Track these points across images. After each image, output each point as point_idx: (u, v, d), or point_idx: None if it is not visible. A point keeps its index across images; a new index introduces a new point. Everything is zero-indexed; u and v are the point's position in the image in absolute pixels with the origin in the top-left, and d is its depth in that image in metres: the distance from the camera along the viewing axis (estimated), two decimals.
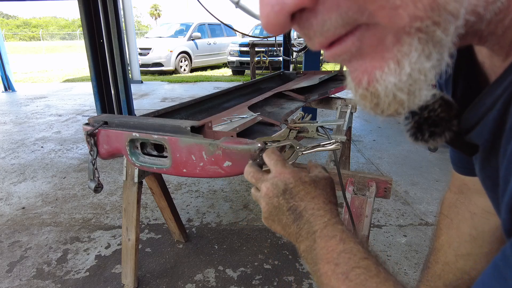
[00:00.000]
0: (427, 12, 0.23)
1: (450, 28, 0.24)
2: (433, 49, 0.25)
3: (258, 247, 1.98)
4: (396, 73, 0.26)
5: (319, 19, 0.26)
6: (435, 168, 3.02)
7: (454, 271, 0.75)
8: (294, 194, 0.51)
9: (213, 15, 3.24)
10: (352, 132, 3.80)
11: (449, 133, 0.42)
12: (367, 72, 0.27)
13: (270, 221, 0.54)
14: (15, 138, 3.99)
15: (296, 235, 0.49)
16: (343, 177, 1.11)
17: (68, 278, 1.75)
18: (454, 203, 0.76)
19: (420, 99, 0.27)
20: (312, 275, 0.46)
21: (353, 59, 0.28)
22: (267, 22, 0.27)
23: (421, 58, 0.25)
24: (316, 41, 0.28)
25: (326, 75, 2.47)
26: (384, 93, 0.27)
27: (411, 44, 0.25)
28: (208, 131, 1.18)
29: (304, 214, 0.49)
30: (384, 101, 0.28)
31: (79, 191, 2.68)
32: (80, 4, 3.66)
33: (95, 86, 3.97)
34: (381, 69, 0.26)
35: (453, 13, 0.23)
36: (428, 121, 0.42)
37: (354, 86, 0.29)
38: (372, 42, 0.26)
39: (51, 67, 12.44)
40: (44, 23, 53.16)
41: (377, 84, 0.27)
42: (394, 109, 0.28)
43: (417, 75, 0.26)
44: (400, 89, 0.26)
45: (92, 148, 1.29)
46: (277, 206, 0.52)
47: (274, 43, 4.98)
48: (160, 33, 11.20)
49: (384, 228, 2.14)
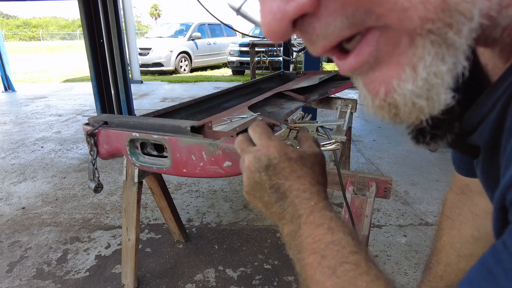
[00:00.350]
0: (438, 13, 0.22)
1: (463, 29, 0.23)
2: (446, 52, 0.24)
3: (258, 247, 1.98)
4: (412, 79, 0.25)
5: (322, 23, 0.26)
6: (435, 168, 3.02)
7: (456, 272, 0.74)
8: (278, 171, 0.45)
9: (213, 15, 3.24)
10: (352, 132, 3.80)
11: (451, 135, 0.41)
12: (384, 82, 0.27)
13: (251, 196, 0.49)
14: (15, 138, 3.99)
15: (279, 216, 0.45)
16: (343, 177, 1.11)
17: (68, 278, 1.75)
18: (456, 204, 0.76)
19: (440, 103, 0.27)
20: (294, 262, 0.42)
21: (370, 70, 0.28)
22: (269, 30, 0.27)
23: (436, 61, 0.24)
24: (319, 45, 0.28)
25: (326, 75, 2.47)
26: (403, 102, 0.27)
27: (425, 47, 0.24)
28: (208, 131, 1.18)
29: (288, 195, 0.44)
30: (404, 110, 0.27)
31: (79, 191, 2.68)
32: (80, 4, 3.66)
33: (95, 86, 3.97)
34: (398, 77, 0.26)
35: (465, 14, 0.22)
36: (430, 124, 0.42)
37: (371, 98, 0.29)
38: (387, 48, 0.26)
39: (51, 67, 12.45)
40: (44, 23, 53.17)
41: (395, 94, 0.26)
42: (415, 117, 0.28)
43: (433, 79, 0.25)
44: (419, 96, 0.26)
45: (92, 148, 1.29)
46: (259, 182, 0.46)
47: (274, 43, 4.98)
48: (160, 33, 11.20)
49: (384, 228, 2.14)
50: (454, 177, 0.76)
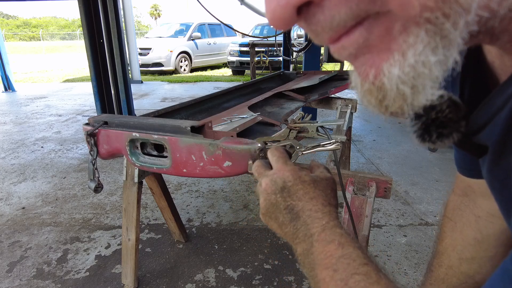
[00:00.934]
0: (438, 3, 0.22)
1: (460, 22, 0.23)
2: (440, 43, 0.24)
3: (258, 247, 1.98)
4: (400, 65, 0.25)
5: (327, 14, 0.26)
6: (435, 168, 3.02)
7: (458, 275, 0.73)
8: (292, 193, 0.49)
9: (213, 15, 3.24)
10: (352, 132, 3.80)
11: (457, 134, 0.41)
12: (375, 66, 0.27)
13: (267, 217, 0.52)
14: (15, 138, 3.99)
15: (293, 236, 0.47)
16: (343, 177, 1.11)
17: (68, 278, 1.75)
18: (458, 206, 0.75)
19: (424, 96, 0.27)
20: (309, 280, 0.44)
21: (359, 53, 0.28)
22: (273, 16, 0.27)
23: (426, 51, 0.24)
24: (325, 36, 0.28)
25: (326, 75, 2.47)
26: (390, 87, 0.26)
27: (418, 35, 0.24)
28: (208, 131, 1.18)
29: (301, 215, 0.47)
30: (389, 95, 0.27)
31: (79, 191, 2.68)
32: (80, 4, 3.66)
33: (95, 86, 3.97)
34: (387, 61, 0.26)
35: (464, 6, 0.22)
36: (436, 122, 0.41)
37: (360, 82, 0.29)
38: (379, 32, 0.26)
39: (51, 67, 12.45)
40: (44, 23, 53.17)
41: (384, 77, 0.26)
42: (398, 105, 0.27)
43: (420, 68, 0.25)
44: (404, 82, 0.26)
45: (92, 148, 1.29)
46: (274, 204, 0.50)
47: (274, 43, 4.98)
48: (160, 33, 11.20)
49: (384, 228, 2.14)
50: (456, 179, 0.75)
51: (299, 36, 7.12)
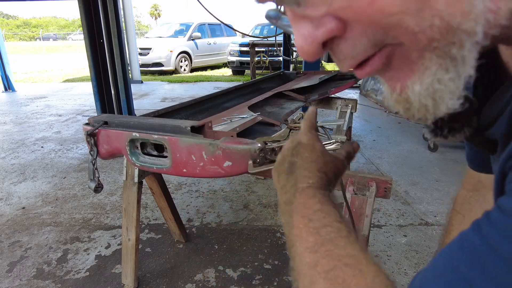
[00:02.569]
0: (443, 34, 0.26)
1: (466, 44, 0.26)
2: (450, 63, 0.28)
3: (258, 247, 1.98)
4: (420, 82, 0.30)
5: (349, 45, 0.30)
6: (435, 168, 3.02)
7: None
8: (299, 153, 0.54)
9: (213, 15, 3.24)
10: (352, 132, 3.80)
11: (469, 129, 0.42)
12: (401, 81, 0.31)
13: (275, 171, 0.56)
14: (15, 138, 3.99)
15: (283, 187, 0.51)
16: (343, 177, 1.11)
17: (68, 278, 1.75)
18: (467, 200, 0.75)
19: (445, 106, 0.30)
20: (283, 226, 0.48)
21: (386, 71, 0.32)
22: (302, 51, 0.32)
23: (440, 71, 0.28)
24: (347, 63, 0.32)
25: (326, 75, 2.47)
26: (413, 99, 0.31)
27: (431, 59, 0.28)
28: (208, 131, 1.18)
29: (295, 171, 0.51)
30: (414, 106, 0.31)
31: (79, 191, 2.68)
32: (80, 4, 3.66)
33: (95, 86, 3.97)
34: (410, 78, 0.30)
35: (468, 31, 0.26)
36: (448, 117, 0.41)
37: (390, 92, 0.33)
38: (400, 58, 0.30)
39: (51, 67, 12.44)
40: (44, 23, 53.17)
41: (409, 91, 0.30)
42: (423, 113, 0.31)
43: (436, 85, 0.29)
44: (424, 97, 0.30)
45: (92, 148, 1.29)
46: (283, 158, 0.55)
47: (274, 43, 4.98)
48: (160, 33, 11.20)
49: (384, 228, 2.14)
50: (466, 174, 0.75)
51: None
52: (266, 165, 0.92)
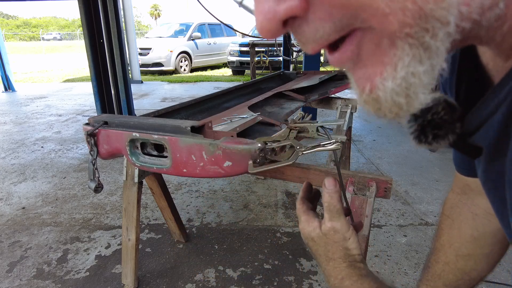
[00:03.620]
0: (415, 19, 0.24)
1: (439, 34, 0.25)
2: (423, 54, 0.26)
3: (258, 247, 1.98)
4: (392, 78, 0.27)
5: (311, 27, 0.27)
6: (435, 168, 3.02)
7: (454, 271, 0.75)
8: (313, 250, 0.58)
9: (213, 15, 3.24)
10: (352, 132, 3.80)
11: (452, 136, 0.42)
12: (370, 80, 0.29)
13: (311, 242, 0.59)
14: (15, 138, 3.99)
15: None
16: (343, 177, 1.11)
17: (68, 278, 1.75)
18: (456, 203, 0.76)
19: (418, 102, 0.29)
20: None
21: (356, 67, 0.30)
22: (260, 28, 0.29)
23: (413, 62, 0.26)
24: (309, 46, 0.29)
25: (326, 75, 2.47)
26: (384, 99, 0.28)
27: (404, 49, 0.26)
28: (208, 131, 1.18)
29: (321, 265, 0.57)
30: (385, 106, 0.29)
31: (79, 191, 2.68)
32: (80, 4, 3.66)
33: (95, 86, 3.97)
34: (381, 75, 0.28)
35: (441, 20, 0.24)
36: (431, 124, 0.42)
37: (359, 93, 0.31)
38: (370, 47, 0.27)
39: (51, 67, 12.44)
40: (44, 23, 53.16)
41: (378, 91, 0.28)
42: (395, 112, 0.30)
43: (411, 78, 0.27)
44: (398, 93, 0.28)
45: (92, 148, 1.29)
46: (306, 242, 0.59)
47: (274, 43, 4.98)
48: (160, 33, 11.19)
49: (384, 228, 2.14)
50: (455, 177, 0.76)
51: None
52: (266, 165, 0.92)
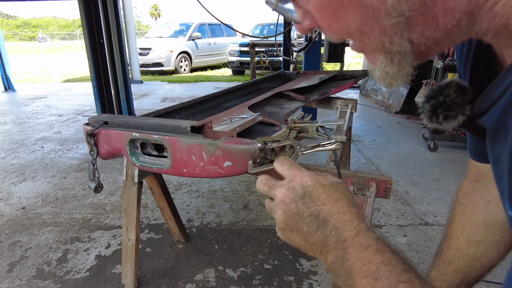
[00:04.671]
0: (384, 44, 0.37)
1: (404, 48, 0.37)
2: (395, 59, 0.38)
3: (258, 247, 1.98)
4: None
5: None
6: (435, 168, 3.02)
7: (465, 258, 0.76)
8: (315, 197, 0.46)
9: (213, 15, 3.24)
10: (352, 132, 3.80)
11: (462, 117, 0.45)
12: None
13: (288, 232, 0.48)
14: (15, 138, 3.99)
15: (322, 244, 0.44)
16: (343, 177, 1.11)
17: (68, 278, 1.75)
18: (469, 191, 0.77)
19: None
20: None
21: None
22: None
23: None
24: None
25: (326, 75, 2.47)
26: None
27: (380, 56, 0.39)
28: (208, 131, 1.18)
29: (329, 219, 0.44)
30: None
31: (79, 191, 2.68)
32: (80, 4, 3.65)
33: (95, 86, 3.96)
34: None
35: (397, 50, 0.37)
36: (443, 105, 0.46)
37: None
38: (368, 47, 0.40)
39: (51, 67, 12.44)
40: (44, 23, 53.17)
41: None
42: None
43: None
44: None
45: (92, 148, 1.29)
46: (296, 213, 0.46)
47: (274, 43, 4.98)
48: (160, 33, 11.19)
49: (384, 228, 2.14)
50: (469, 165, 0.78)
51: (299, 36, 7.11)
52: (266, 165, 0.92)
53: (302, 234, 0.46)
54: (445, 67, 3.52)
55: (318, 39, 3.81)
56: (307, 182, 0.47)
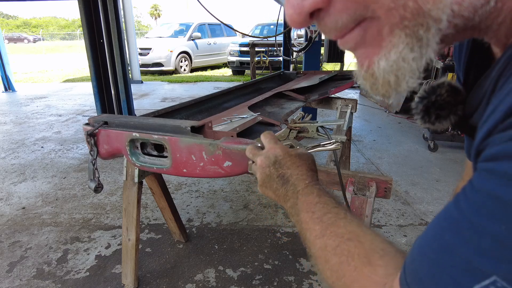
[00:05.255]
0: (414, 15, 0.30)
1: (432, 29, 0.30)
2: (416, 43, 0.32)
3: (258, 247, 1.98)
4: (386, 59, 0.33)
5: (332, 19, 0.34)
6: (435, 168, 3.02)
7: None
8: (283, 164, 0.62)
9: (213, 15, 3.24)
10: (352, 132, 3.80)
11: (454, 117, 0.46)
12: (368, 57, 0.35)
13: (264, 188, 0.64)
14: (15, 138, 3.99)
15: (284, 196, 0.59)
16: (343, 177, 1.11)
17: (68, 278, 1.75)
18: None
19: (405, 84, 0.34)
20: (295, 225, 0.56)
21: (358, 47, 0.36)
22: (290, 19, 0.35)
23: (405, 49, 0.32)
24: (332, 34, 0.36)
25: (326, 75, 2.47)
26: (378, 74, 0.35)
27: (400, 36, 0.32)
28: (208, 131, 1.18)
29: (290, 179, 0.59)
30: (378, 81, 0.35)
31: (79, 191, 2.68)
32: (80, 4, 3.65)
33: (95, 86, 3.96)
34: (378, 55, 0.34)
35: (435, 18, 0.30)
36: (435, 105, 0.47)
37: (359, 69, 0.37)
38: (373, 32, 0.34)
39: (51, 67, 12.44)
40: (44, 23, 53.15)
41: (374, 67, 0.35)
42: (386, 89, 0.36)
43: (401, 62, 0.33)
44: (389, 72, 0.34)
45: (92, 148, 1.29)
46: (269, 175, 0.62)
47: (274, 43, 4.98)
48: (160, 33, 11.19)
49: (384, 228, 2.14)
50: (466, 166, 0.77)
51: (299, 36, 7.12)
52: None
53: (272, 190, 0.62)
54: (445, 67, 3.52)
55: (318, 39, 3.81)
56: (279, 153, 0.63)
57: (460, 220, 0.29)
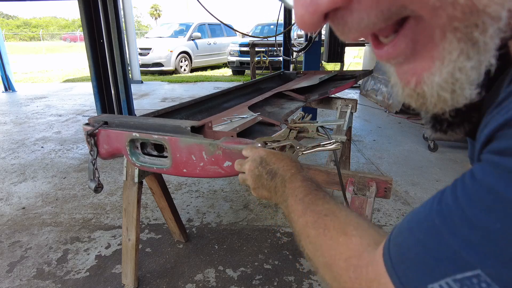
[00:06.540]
0: (466, 14, 0.24)
1: (489, 30, 0.24)
2: (471, 49, 0.26)
3: (258, 247, 1.98)
4: (439, 72, 0.27)
5: (355, 17, 0.27)
6: (435, 168, 3.02)
7: None
8: (268, 161, 0.69)
9: (213, 15, 3.24)
10: (352, 132, 3.80)
11: (468, 125, 0.41)
12: (416, 74, 0.29)
13: (257, 189, 0.70)
14: (15, 138, 3.99)
15: (275, 189, 0.65)
16: (343, 177, 1.11)
17: (68, 278, 1.75)
18: None
19: (463, 97, 0.29)
20: (285, 213, 0.61)
21: (405, 61, 0.30)
22: (301, 21, 0.29)
23: (461, 57, 0.26)
24: (351, 36, 0.29)
25: (326, 75, 2.47)
26: (430, 93, 0.29)
27: (452, 42, 0.26)
28: (208, 131, 1.18)
29: (278, 171, 0.66)
30: (430, 101, 0.30)
31: (79, 191, 2.68)
32: (80, 4, 3.65)
33: (95, 86, 3.96)
34: (428, 70, 0.28)
35: (493, 16, 0.24)
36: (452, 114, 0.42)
37: (402, 86, 0.31)
38: (423, 39, 0.27)
39: (51, 67, 12.44)
40: (44, 23, 53.15)
41: (424, 85, 0.29)
42: (439, 107, 0.30)
43: (458, 74, 0.27)
44: (444, 89, 0.28)
45: (92, 148, 1.29)
46: (259, 174, 0.68)
47: (274, 43, 4.98)
48: (160, 33, 11.19)
49: (384, 228, 2.14)
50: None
51: (299, 36, 7.12)
52: None
53: (264, 187, 0.68)
54: None
55: (318, 39, 3.81)
56: (262, 153, 0.71)
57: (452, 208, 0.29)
